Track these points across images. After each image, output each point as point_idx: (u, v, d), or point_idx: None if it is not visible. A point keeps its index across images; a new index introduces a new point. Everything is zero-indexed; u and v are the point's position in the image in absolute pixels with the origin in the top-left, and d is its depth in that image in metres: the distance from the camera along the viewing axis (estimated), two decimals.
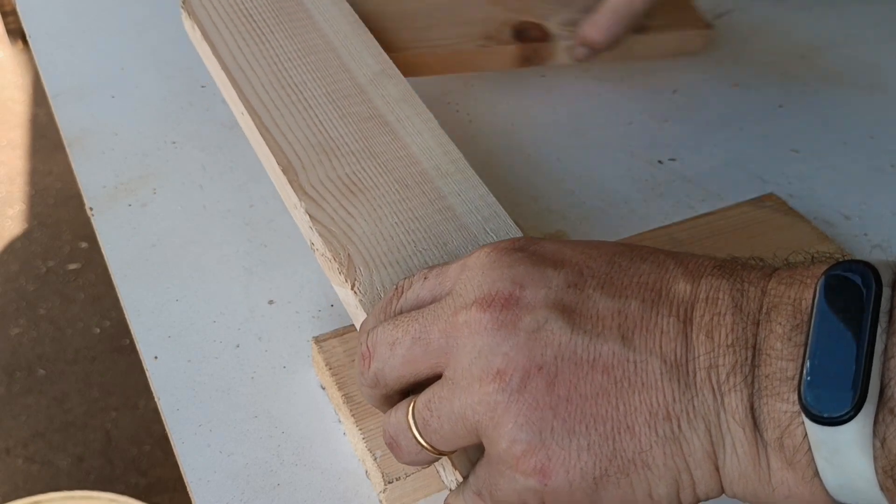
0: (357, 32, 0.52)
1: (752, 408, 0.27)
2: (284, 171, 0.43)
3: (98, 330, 1.53)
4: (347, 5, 0.54)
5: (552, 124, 0.63)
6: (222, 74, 0.49)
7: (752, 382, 0.27)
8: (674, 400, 0.28)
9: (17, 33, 2.19)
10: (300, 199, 0.42)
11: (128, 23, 0.71)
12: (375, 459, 0.38)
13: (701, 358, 0.28)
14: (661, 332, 0.28)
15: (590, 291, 0.30)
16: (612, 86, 0.67)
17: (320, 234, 0.40)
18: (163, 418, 0.42)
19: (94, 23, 0.71)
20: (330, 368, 0.41)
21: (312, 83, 0.48)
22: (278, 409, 0.42)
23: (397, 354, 0.32)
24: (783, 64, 0.71)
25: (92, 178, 0.55)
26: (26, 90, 2.10)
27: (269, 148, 0.44)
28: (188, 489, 0.39)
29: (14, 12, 2.05)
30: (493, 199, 0.43)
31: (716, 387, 0.27)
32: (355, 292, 0.38)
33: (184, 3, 0.53)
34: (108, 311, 1.56)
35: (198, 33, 0.52)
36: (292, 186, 0.42)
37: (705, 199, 0.56)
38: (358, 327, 0.41)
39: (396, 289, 0.35)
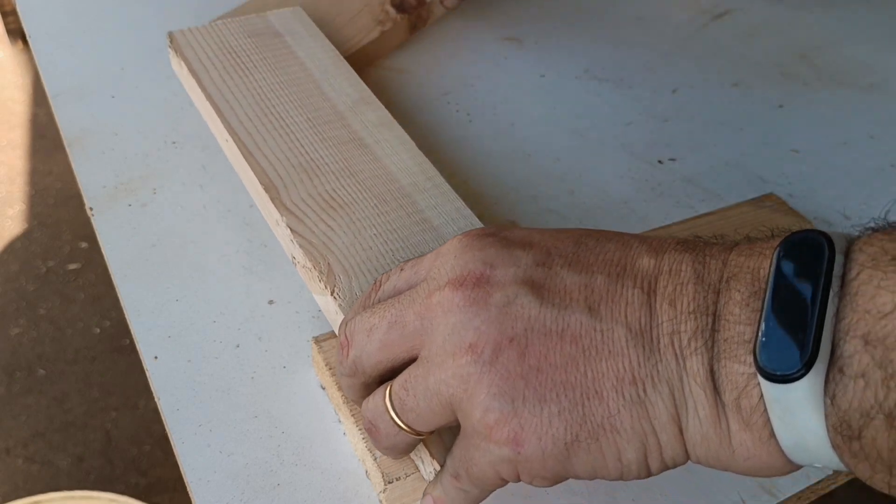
0: (337, 65, 0.55)
1: (711, 371, 0.28)
2: (266, 190, 0.45)
3: (98, 330, 1.53)
4: (328, 42, 0.58)
5: (552, 124, 0.63)
6: (207, 105, 0.51)
7: (712, 346, 0.28)
8: (639, 365, 0.29)
9: (17, 33, 2.19)
10: (281, 215, 0.44)
11: (128, 23, 0.71)
12: (375, 459, 0.38)
13: (664, 325, 0.29)
14: (626, 303, 0.30)
15: (557, 269, 0.31)
16: (612, 86, 0.67)
17: (301, 246, 0.42)
18: (163, 418, 0.42)
19: (94, 23, 0.71)
20: (330, 368, 0.41)
21: (294, 111, 0.51)
22: (278, 409, 0.42)
23: (374, 339, 0.33)
24: (783, 64, 0.71)
25: (92, 178, 0.55)
26: (26, 90, 2.10)
27: (252, 169, 0.46)
28: (188, 489, 0.39)
29: (14, 12, 2.05)
30: (469, 211, 0.45)
31: (678, 351, 0.28)
32: (335, 297, 0.40)
33: (171, 42, 0.55)
34: (108, 311, 1.56)
35: (184, 69, 0.54)
36: (274, 203, 0.44)
37: (705, 199, 0.56)
38: (339, 334, 0.41)
39: (375, 283, 0.36)
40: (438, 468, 0.34)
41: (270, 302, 0.48)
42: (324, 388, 0.43)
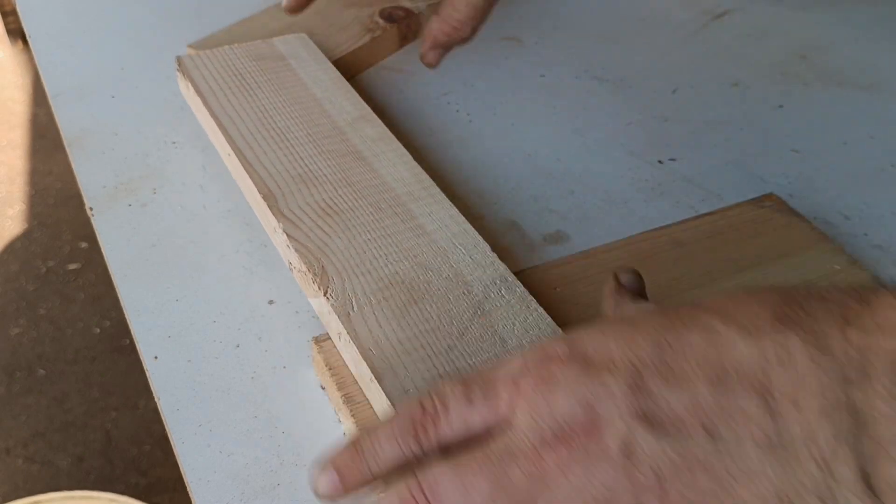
0: (338, 86, 0.57)
1: (865, 475, 0.25)
2: (265, 199, 0.47)
3: (98, 330, 1.53)
4: (330, 65, 0.60)
5: (552, 124, 0.63)
6: (211, 122, 0.53)
7: (861, 450, 0.25)
8: (780, 482, 0.26)
9: (17, 33, 2.19)
10: (279, 221, 0.45)
11: (128, 23, 0.71)
12: None
13: (794, 430, 0.26)
14: (743, 414, 0.27)
15: (654, 389, 0.28)
16: (612, 86, 0.67)
17: (296, 251, 0.44)
18: (163, 418, 0.42)
19: (94, 23, 0.71)
20: (330, 368, 0.42)
21: (295, 127, 0.53)
22: (278, 409, 0.42)
23: (474, 501, 0.29)
24: (783, 64, 0.71)
25: (92, 178, 0.55)
26: (26, 90, 2.10)
27: (252, 180, 0.48)
28: (188, 489, 0.39)
29: (14, 12, 2.05)
30: (463, 218, 0.47)
31: (819, 459, 0.26)
32: (328, 298, 0.41)
33: (179, 65, 0.58)
34: (108, 311, 1.56)
35: (191, 90, 0.56)
36: (272, 211, 0.46)
37: (705, 199, 0.56)
38: (332, 335, 0.42)
39: (425, 410, 0.31)
40: None
41: (270, 302, 0.48)
42: (324, 388, 0.43)
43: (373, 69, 0.68)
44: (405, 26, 0.69)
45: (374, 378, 0.38)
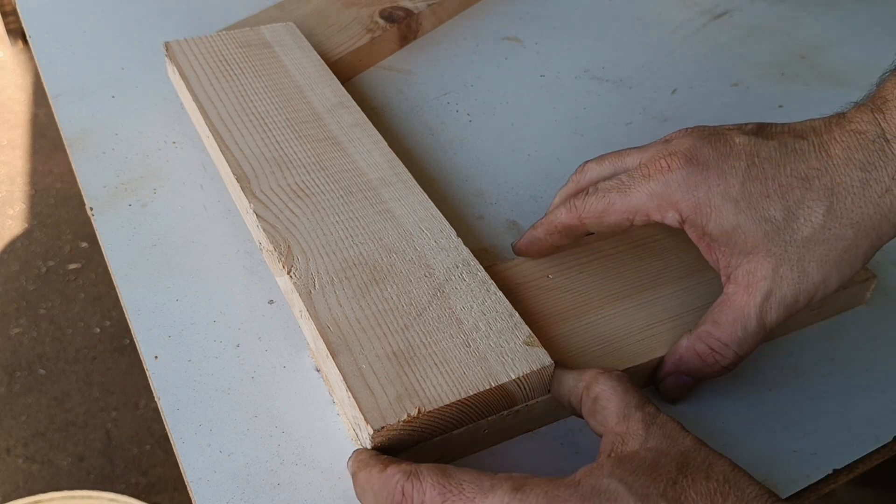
0: (320, 73, 0.58)
1: None
2: (238, 180, 0.48)
3: (98, 330, 1.53)
4: (315, 53, 0.61)
5: (552, 124, 0.63)
6: (194, 105, 0.55)
7: None
8: None
9: (17, 33, 2.19)
10: (250, 202, 0.47)
11: (128, 23, 0.71)
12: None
13: None
14: None
15: None
16: (612, 86, 0.67)
17: (264, 230, 0.45)
18: (163, 418, 0.42)
19: (94, 23, 0.71)
20: None
21: (275, 112, 0.54)
22: (278, 408, 0.42)
23: None
24: (783, 64, 0.71)
25: (92, 178, 0.55)
26: (26, 90, 2.10)
27: (227, 162, 0.49)
28: (188, 489, 0.39)
29: (14, 12, 2.05)
30: (432, 204, 0.48)
31: None
32: (291, 276, 0.42)
33: (167, 51, 0.59)
34: (109, 310, 1.56)
35: (177, 75, 0.58)
36: (244, 192, 0.47)
37: None
38: (294, 312, 0.43)
39: None
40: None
41: (270, 302, 0.48)
42: (318, 371, 0.43)
43: (373, 69, 0.68)
44: (405, 26, 0.69)
45: (329, 354, 0.39)
